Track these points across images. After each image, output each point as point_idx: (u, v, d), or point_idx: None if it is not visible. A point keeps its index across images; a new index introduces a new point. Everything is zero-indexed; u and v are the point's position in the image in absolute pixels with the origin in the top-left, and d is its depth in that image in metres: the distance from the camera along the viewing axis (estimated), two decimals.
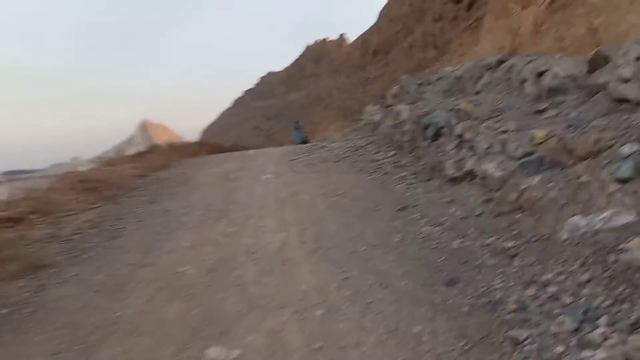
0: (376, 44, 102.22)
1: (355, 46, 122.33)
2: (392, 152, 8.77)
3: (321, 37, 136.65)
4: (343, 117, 67.33)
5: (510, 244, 3.90)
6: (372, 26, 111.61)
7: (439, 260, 3.90)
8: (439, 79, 9.87)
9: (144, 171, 9.04)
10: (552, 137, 4.49)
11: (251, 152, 12.78)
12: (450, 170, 5.87)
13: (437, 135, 7.13)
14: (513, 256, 3.72)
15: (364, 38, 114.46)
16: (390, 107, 13.08)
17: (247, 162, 10.13)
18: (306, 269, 4.00)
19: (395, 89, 13.36)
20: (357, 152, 9.69)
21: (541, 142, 4.51)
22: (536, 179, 4.24)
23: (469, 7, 53.64)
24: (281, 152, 11.39)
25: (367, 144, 10.24)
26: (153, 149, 12.66)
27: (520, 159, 4.53)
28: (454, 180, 5.74)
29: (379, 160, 8.40)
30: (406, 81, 12.48)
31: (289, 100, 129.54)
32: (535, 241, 3.80)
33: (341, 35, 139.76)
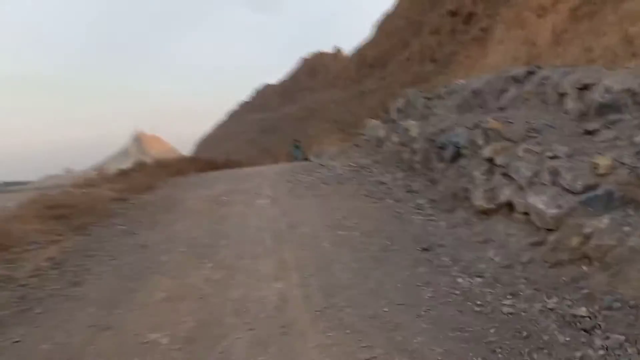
0: (372, 57, 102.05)
1: (351, 59, 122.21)
2: (402, 174, 7.85)
3: (317, 50, 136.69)
4: (340, 130, 66.84)
5: (582, 310, 2.96)
6: (369, 39, 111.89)
7: (490, 331, 2.95)
8: (451, 92, 9.00)
9: (124, 194, 8.06)
10: (619, 166, 3.58)
11: (246, 170, 11.81)
12: (479, 200, 4.94)
13: (456, 156, 6.23)
14: (590, 330, 2.78)
15: (360, 51, 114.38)
16: (395, 123, 12.22)
17: (241, 182, 9.18)
18: (313, 342, 3.02)
19: (399, 103, 12.50)
20: (361, 172, 8.77)
21: (606, 173, 3.59)
22: (605, 221, 3.32)
23: (467, 20, 53.40)
24: (278, 171, 10.45)
25: (371, 163, 9.33)
26: (139, 167, 11.67)
27: (580, 193, 3.60)
28: (486, 213, 4.81)
29: (386, 183, 7.48)
30: (412, 95, 11.62)
31: (285, 113, 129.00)
32: (619, 309, 2.86)
33: (337, 48, 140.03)
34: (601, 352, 2.56)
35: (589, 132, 4.45)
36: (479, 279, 3.66)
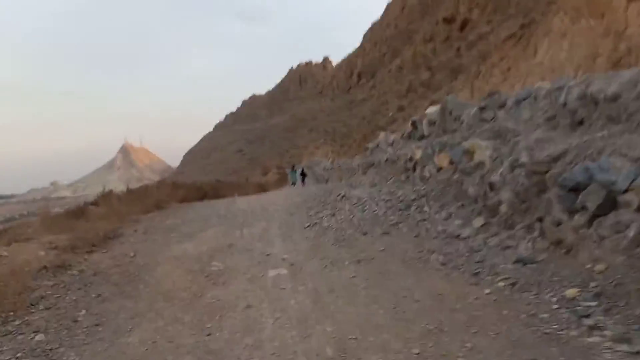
0: (361, 67, 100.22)
1: (339, 69, 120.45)
2: (479, 220, 5.25)
3: (305, 60, 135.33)
4: (332, 141, 64.31)
5: None
6: (357, 49, 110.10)
7: None
8: (527, 98, 6.45)
9: (66, 254, 5.33)
10: None
11: (242, 202, 9.10)
12: None
13: (609, 204, 3.64)
14: None
15: (348, 60, 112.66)
16: (429, 139, 9.67)
17: (239, 226, 6.52)
18: None
19: (432, 113, 9.94)
20: (408, 212, 6.16)
21: None
22: None
23: (462, 27, 51.56)
24: (287, 205, 7.82)
25: (415, 196, 6.73)
26: (104, 199, 8.89)
27: None
28: None
29: (466, 238, 4.87)
30: (452, 102, 9.06)
31: (273, 123, 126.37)
32: None
33: (325, 58, 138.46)
34: None
35: None
36: None
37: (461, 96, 16.93)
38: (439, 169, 7.35)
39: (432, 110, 10.84)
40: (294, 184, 20.33)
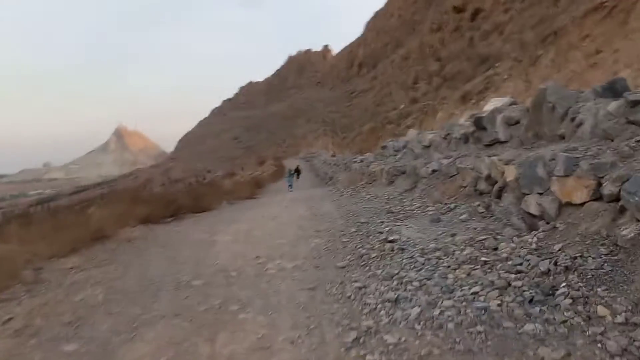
0: (362, 57, 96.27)
1: (340, 58, 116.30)
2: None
3: (305, 48, 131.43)
4: (332, 132, 60.46)
5: None
6: (358, 38, 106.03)
7: None
8: None
9: None
10: None
11: (225, 241, 5.64)
12: None
13: None
14: None
15: (349, 50, 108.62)
16: (510, 144, 6.35)
17: (209, 326, 3.15)
18: None
19: (512, 108, 6.60)
20: (551, 308, 2.82)
21: None
22: None
23: (473, 16, 48.01)
24: (296, 254, 4.48)
25: (557, 271, 3.34)
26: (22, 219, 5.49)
27: None
28: None
29: None
30: (555, 92, 5.69)
31: (270, 111, 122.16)
32: None
33: (325, 47, 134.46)
34: None
35: None
36: None
37: (509, 89, 13.57)
38: (564, 204, 4.03)
39: (503, 102, 7.48)
40: (290, 186, 18.51)
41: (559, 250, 3.44)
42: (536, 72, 12.39)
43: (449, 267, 3.74)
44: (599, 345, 2.28)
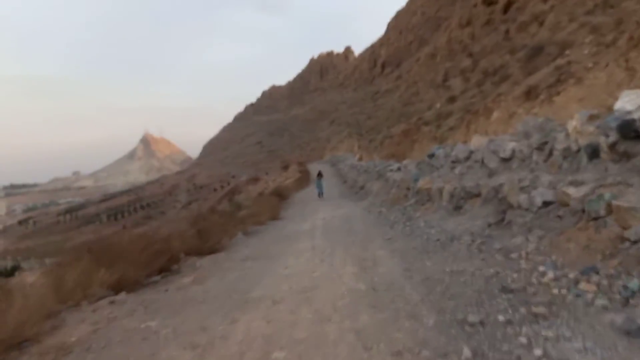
0: (385, 56, 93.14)
1: (362, 59, 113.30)
2: None
3: (327, 50, 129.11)
4: (357, 134, 57.53)
5: None
6: (380, 38, 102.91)
7: None
8: None
9: None
10: None
11: (255, 327, 3.11)
12: None
13: None
14: None
15: (371, 50, 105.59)
16: None
17: None
18: None
19: None
20: None
21: None
22: None
23: (506, 9, 44.71)
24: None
25: None
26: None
27: None
28: None
29: None
30: None
31: (293, 115, 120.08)
32: None
33: (347, 48, 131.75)
34: None
35: None
36: None
37: (601, 80, 10.83)
38: None
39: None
40: (320, 193, 16.96)
41: None
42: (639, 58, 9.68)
43: None
44: None
